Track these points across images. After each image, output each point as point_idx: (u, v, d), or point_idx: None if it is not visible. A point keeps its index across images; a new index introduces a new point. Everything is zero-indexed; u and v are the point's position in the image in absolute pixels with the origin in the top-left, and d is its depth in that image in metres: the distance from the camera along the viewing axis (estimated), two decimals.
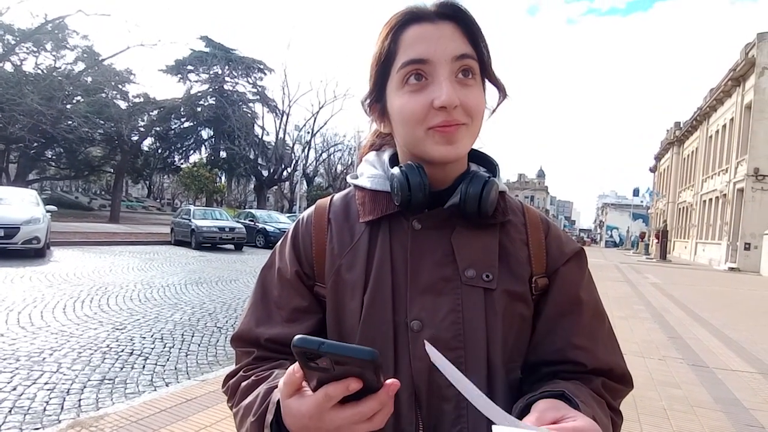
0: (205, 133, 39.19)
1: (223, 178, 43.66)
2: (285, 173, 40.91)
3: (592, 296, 0.75)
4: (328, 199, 0.81)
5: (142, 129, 31.52)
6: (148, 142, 35.86)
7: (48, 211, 11.47)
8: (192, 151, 40.21)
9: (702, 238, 28.94)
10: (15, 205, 10.68)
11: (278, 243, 0.82)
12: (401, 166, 0.71)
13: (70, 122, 24.38)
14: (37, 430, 2.90)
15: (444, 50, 0.65)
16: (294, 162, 41.04)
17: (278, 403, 0.57)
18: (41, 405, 3.22)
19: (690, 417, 3.45)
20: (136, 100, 31.32)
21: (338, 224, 0.76)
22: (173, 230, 17.94)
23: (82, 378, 3.75)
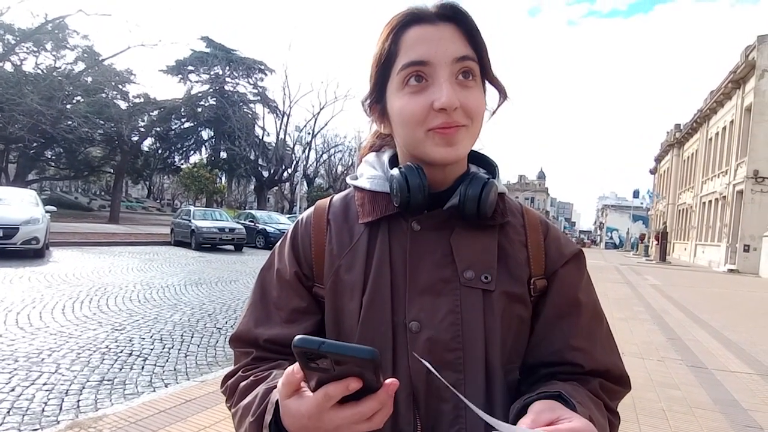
0: (206, 133, 39.21)
1: (224, 178, 43.67)
2: (285, 174, 40.93)
3: (591, 298, 0.75)
4: (328, 200, 0.82)
5: (142, 129, 31.50)
6: (148, 143, 35.86)
7: (47, 212, 11.46)
8: (192, 152, 40.23)
9: (702, 239, 28.96)
10: (14, 205, 10.67)
11: (277, 244, 0.82)
12: (401, 167, 0.71)
13: (69, 122, 24.35)
14: (36, 430, 2.90)
15: (444, 52, 0.66)
16: (294, 163, 41.06)
17: (277, 403, 0.57)
18: (40, 406, 3.22)
19: (689, 418, 3.45)
20: (137, 101, 31.29)
21: (337, 225, 0.76)
22: (173, 231, 17.95)
23: (81, 379, 3.75)
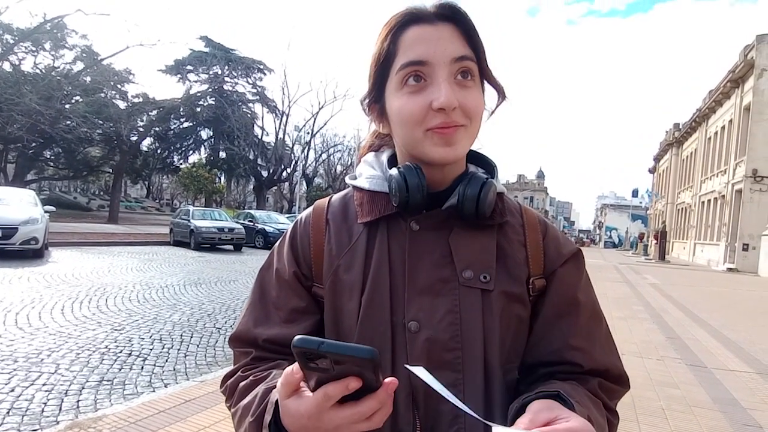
0: (205, 133, 39.19)
1: (223, 178, 43.69)
2: (284, 174, 40.91)
3: (590, 297, 0.76)
4: (327, 199, 0.81)
5: (141, 129, 31.48)
6: (147, 143, 35.89)
7: (46, 212, 11.45)
8: (191, 152, 40.24)
9: (701, 239, 29.00)
10: (13, 205, 10.65)
11: (276, 243, 0.81)
12: (399, 167, 0.71)
13: (68, 122, 24.30)
14: (35, 431, 2.90)
15: (443, 52, 0.66)
16: (293, 162, 41.03)
17: (277, 403, 0.57)
18: (39, 406, 3.22)
19: (688, 417, 3.46)
20: (136, 100, 31.26)
21: (336, 225, 0.76)
22: (172, 231, 17.94)
23: (81, 379, 3.75)
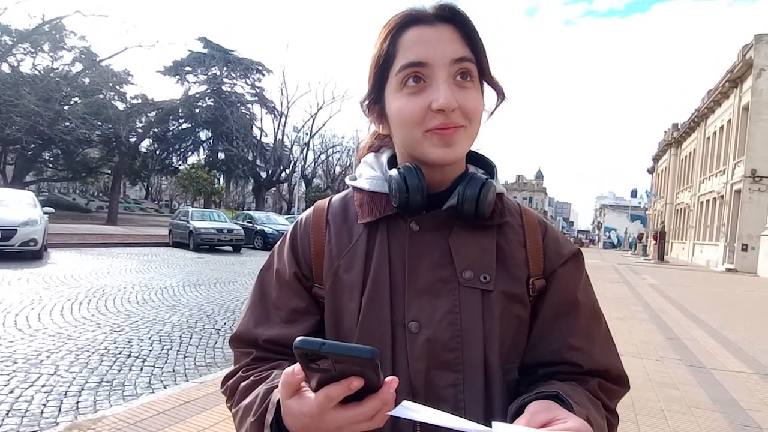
0: (204, 134, 39.14)
1: (222, 179, 43.66)
2: (283, 175, 40.92)
3: (589, 298, 0.76)
4: (327, 200, 0.82)
5: (140, 130, 31.44)
6: (146, 144, 35.83)
7: (45, 213, 11.43)
8: (190, 153, 40.17)
9: (699, 239, 29.02)
10: (12, 206, 10.64)
11: (277, 244, 0.82)
12: (399, 168, 0.71)
13: (67, 123, 24.28)
14: None
15: (443, 53, 0.66)
16: (292, 163, 41.04)
17: (278, 403, 0.57)
18: (39, 407, 3.22)
19: (687, 418, 3.46)
20: (134, 102, 31.23)
21: (337, 225, 0.76)
22: (171, 232, 17.91)
23: (80, 380, 3.74)
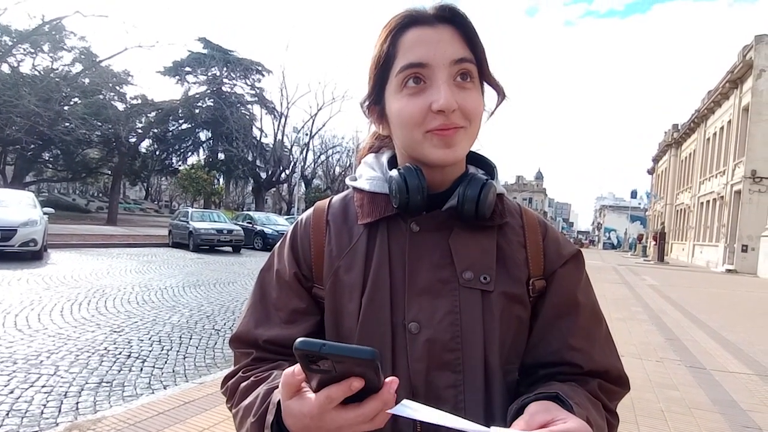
0: (203, 134, 39.12)
1: (221, 180, 43.66)
2: (283, 175, 40.91)
3: (590, 298, 0.76)
4: (327, 201, 0.82)
5: (139, 131, 31.45)
6: (145, 144, 35.80)
7: (45, 214, 11.43)
8: (190, 153, 40.15)
9: (699, 240, 29.02)
10: (12, 207, 10.64)
11: (277, 245, 0.82)
12: (400, 168, 0.71)
13: (67, 124, 24.28)
14: None
15: (443, 54, 0.66)
16: (292, 164, 41.04)
17: (279, 403, 0.57)
18: (39, 408, 3.21)
19: (687, 419, 3.46)
20: (134, 102, 31.21)
21: (337, 226, 0.76)
22: (171, 232, 17.90)
23: (80, 381, 3.74)
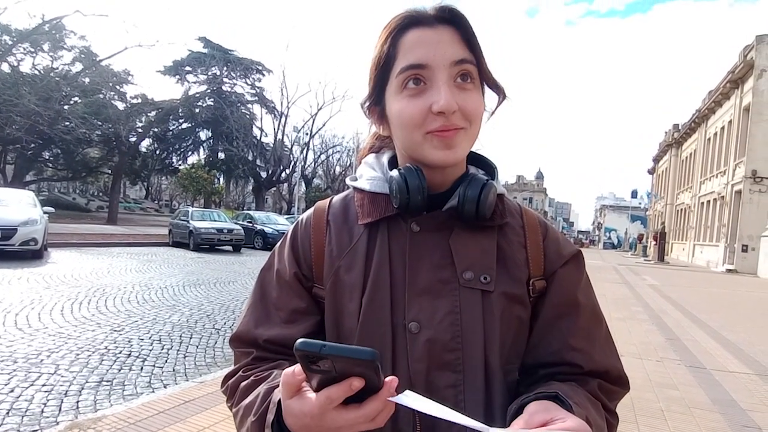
0: (204, 134, 39.15)
1: (222, 179, 43.65)
2: (283, 175, 40.92)
3: (590, 299, 0.76)
4: (327, 201, 0.82)
5: (140, 130, 31.43)
6: (146, 144, 35.83)
7: (45, 213, 11.43)
8: (190, 153, 40.18)
9: (700, 240, 29.01)
10: (12, 206, 10.64)
11: (277, 244, 0.82)
12: (400, 168, 0.71)
13: (67, 123, 24.26)
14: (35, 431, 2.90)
15: (443, 55, 0.66)
16: (292, 163, 41.05)
17: (279, 402, 0.57)
18: (39, 407, 3.22)
19: (687, 418, 3.46)
20: (134, 101, 31.22)
21: (337, 226, 0.76)
22: (171, 232, 17.90)
23: (80, 380, 3.74)
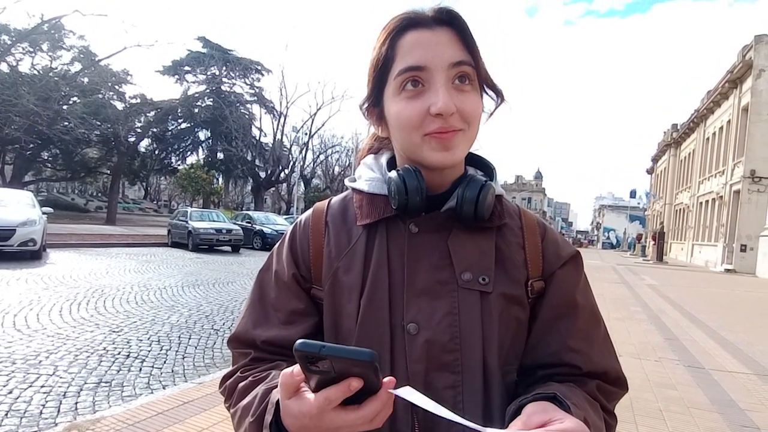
0: (203, 134, 39.16)
1: (221, 179, 43.64)
2: (282, 175, 40.93)
3: (588, 300, 0.76)
4: (326, 202, 0.82)
5: (138, 130, 31.43)
6: (144, 144, 35.84)
7: (44, 213, 11.41)
8: (189, 153, 40.20)
9: (698, 239, 29.05)
10: (11, 206, 10.62)
11: (276, 245, 0.82)
12: (399, 169, 0.71)
13: (66, 123, 24.24)
14: None
15: (441, 57, 0.66)
16: (291, 163, 41.06)
17: (277, 403, 0.57)
18: (38, 408, 3.21)
19: (686, 418, 3.46)
20: (133, 101, 31.22)
21: (336, 227, 0.76)
22: (170, 232, 17.89)
23: (79, 381, 3.74)
